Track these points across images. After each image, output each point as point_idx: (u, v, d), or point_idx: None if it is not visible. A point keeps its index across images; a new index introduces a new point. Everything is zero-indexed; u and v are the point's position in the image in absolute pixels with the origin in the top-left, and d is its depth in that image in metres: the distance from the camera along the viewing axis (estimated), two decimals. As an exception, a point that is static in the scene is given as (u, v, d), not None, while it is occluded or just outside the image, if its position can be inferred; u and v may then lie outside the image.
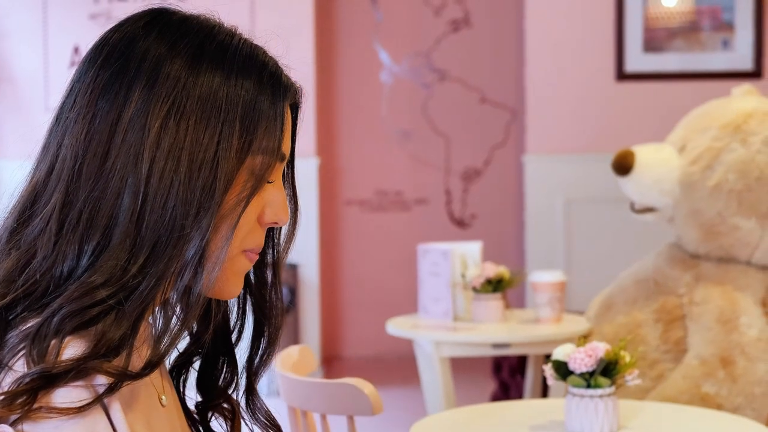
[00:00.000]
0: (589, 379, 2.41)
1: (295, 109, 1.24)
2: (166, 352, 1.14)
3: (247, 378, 1.29)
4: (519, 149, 6.45)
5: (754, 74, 5.91)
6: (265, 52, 1.20)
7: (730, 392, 3.28)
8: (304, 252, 5.97)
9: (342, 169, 6.69)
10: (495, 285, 3.63)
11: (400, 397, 5.55)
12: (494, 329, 3.59)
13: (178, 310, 1.15)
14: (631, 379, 2.42)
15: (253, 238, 1.19)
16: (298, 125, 1.25)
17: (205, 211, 1.11)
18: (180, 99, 1.12)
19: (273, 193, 1.20)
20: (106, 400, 1.06)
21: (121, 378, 1.07)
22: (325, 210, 6.54)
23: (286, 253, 1.28)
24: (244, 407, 1.31)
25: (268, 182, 1.18)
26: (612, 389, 2.42)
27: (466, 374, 5.91)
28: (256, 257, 1.22)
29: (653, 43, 5.94)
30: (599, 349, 2.42)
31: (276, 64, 1.20)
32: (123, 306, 1.09)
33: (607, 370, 2.42)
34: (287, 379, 2.37)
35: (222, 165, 1.12)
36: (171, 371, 1.30)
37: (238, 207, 1.14)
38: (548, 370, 2.45)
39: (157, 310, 1.18)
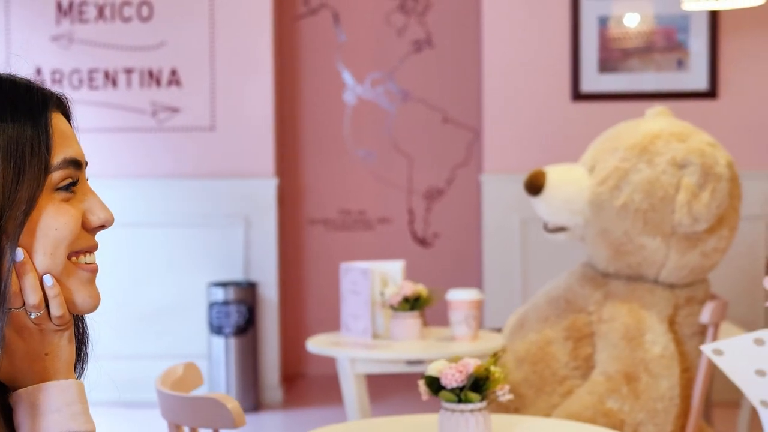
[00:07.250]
0: (459, 394, 2.48)
1: (67, 115, 1.29)
2: None
3: None
4: (481, 168, 6.50)
5: (709, 94, 5.96)
6: (12, 81, 1.24)
7: (633, 408, 3.34)
8: (262, 270, 6.04)
9: (305, 189, 6.76)
10: (412, 303, 3.68)
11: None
12: (410, 346, 3.64)
13: None
14: (502, 394, 2.48)
15: (79, 243, 1.24)
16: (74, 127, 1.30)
17: None
18: None
19: (86, 200, 1.25)
20: None
21: None
22: (288, 229, 6.61)
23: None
24: None
25: (71, 192, 1.23)
26: (483, 404, 2.48)
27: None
28: (91, 263, 1.26)
29: (608, 63, 6.00)
30: (469, 365, 2.49)
31: (27, 86, 1.25)
32: None
33: (478, 385, 2.48)
34: (161, 394, 2.44)
35: None
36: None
37: (15, 237, 1.19)
38: (421, 386, 2.51)
39: None
